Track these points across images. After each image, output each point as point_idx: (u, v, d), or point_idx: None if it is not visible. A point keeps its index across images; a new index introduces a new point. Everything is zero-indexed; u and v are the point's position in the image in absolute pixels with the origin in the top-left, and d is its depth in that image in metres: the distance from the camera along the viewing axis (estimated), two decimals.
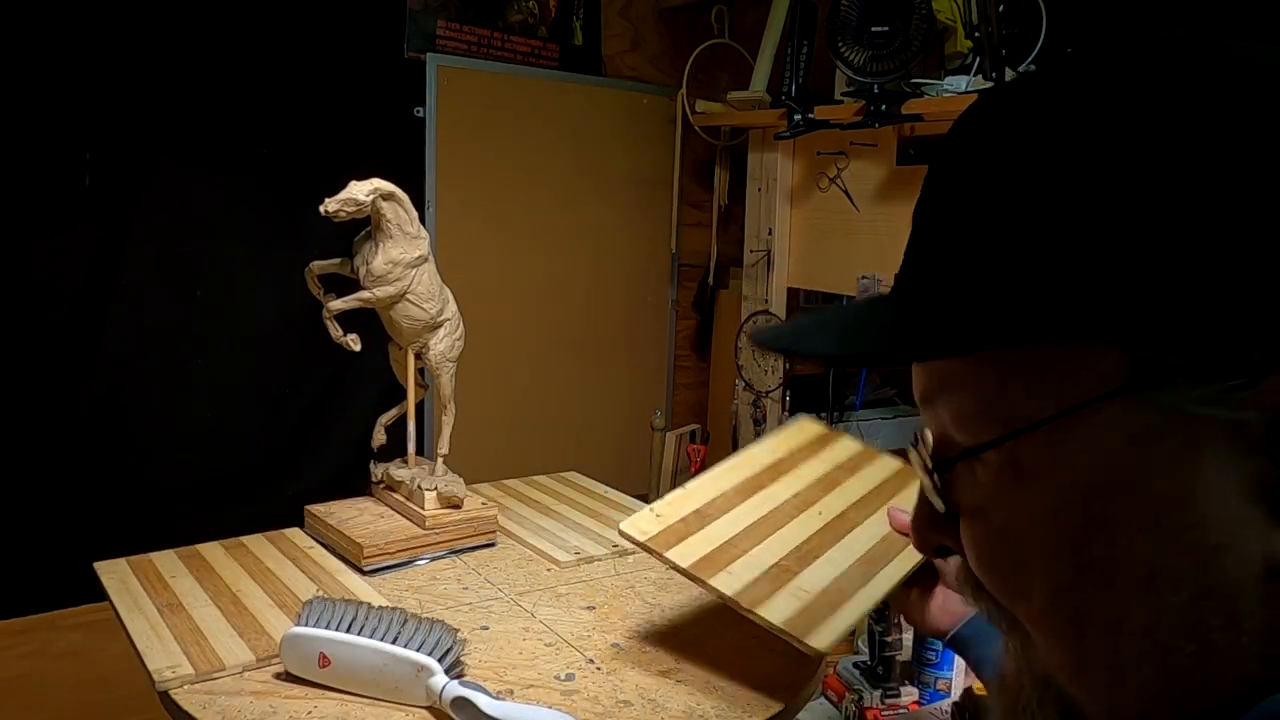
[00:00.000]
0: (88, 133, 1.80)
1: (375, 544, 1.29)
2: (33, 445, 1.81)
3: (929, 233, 0.42)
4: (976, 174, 0.39)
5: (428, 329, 1.37)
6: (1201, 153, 0.33)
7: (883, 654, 1.44)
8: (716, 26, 2.55)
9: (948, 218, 0.41)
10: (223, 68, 1.93)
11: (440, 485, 1.37)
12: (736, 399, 2.39)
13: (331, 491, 1.52)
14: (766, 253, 2.27)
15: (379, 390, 1.97)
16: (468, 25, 2.24)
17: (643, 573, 1.33)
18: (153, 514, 1.92)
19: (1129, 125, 0.35)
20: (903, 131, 1.98)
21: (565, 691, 1.00)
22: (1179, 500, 0.35)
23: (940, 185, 0.42)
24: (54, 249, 1.80)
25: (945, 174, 0.42)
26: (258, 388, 2.05)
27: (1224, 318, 0.32)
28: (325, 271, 1.35)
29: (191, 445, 1.98)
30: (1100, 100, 0.36)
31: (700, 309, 2.71)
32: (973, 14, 1.65)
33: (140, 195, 1.87)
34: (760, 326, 0.56)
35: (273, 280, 2.00)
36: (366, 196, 1.24)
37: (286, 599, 1.18)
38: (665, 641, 1.13)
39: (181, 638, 1.07)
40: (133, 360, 1.89)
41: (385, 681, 0.97)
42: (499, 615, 1.18)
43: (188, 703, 0.96)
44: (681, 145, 2.58)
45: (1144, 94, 0.35)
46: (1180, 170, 0.33)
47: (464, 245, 2.28)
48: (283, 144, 2.01)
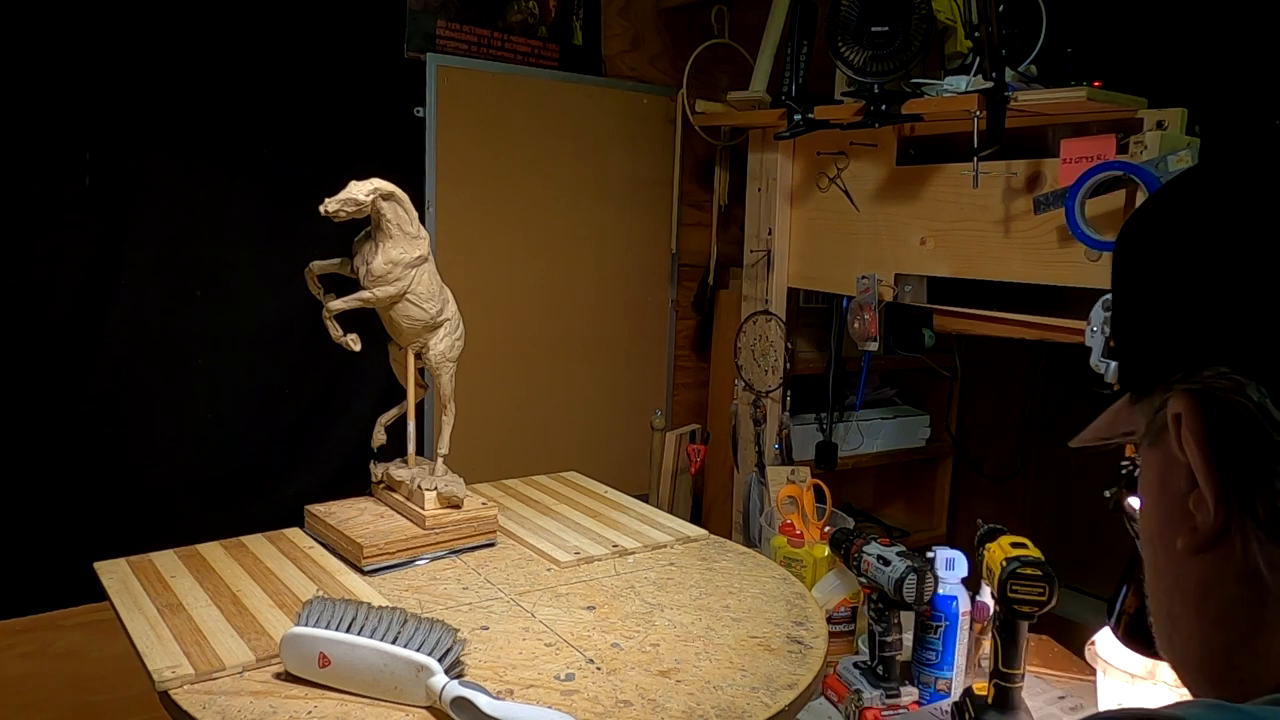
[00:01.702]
0: (88, 133, 1.80)
1: (375, 544, 1.29)
2: (32, 445, 1.81)
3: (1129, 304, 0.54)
4: (1119, 281, 0.53)
5: (428, 329, 1.37)
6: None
7: (883, 654, 1.44)
8: (716, 26, 2.55)
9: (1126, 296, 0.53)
10: (223, 68, 1.93)
11: (440, 485, 1.37)
12: (736, 399, 2.39)
13: (331, 491, 1.52)
14: (766, 253, 2.27)
15: (379, 390, 1.97)
16: (468, 25, 2.24)
17: (643, 573, 1.34)
18: (153, 514, 1.92)
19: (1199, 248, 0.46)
20: (903, 131, 1.98)
21: (565, 691, 1.00)
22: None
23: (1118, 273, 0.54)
24: (54, 249, 1.79)
25: (1120, 266, 0.54)
26: (258, 388, 2.05)
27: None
28: (325, 271, 1.35)
29: (191, 445, 1.98)
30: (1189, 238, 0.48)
31: (700, 309, 2.71)
32: (973, 14, 1.65)
33: (140, 195, 1.87)
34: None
35: (273, 280, 2.00)
36: (366, 196, 1.24)
37: (286, 599, 1.18)
38: (665, 641, 1.13)
39: (181, 638, 1.07)
40: (132, 360, 1.89)
41: (385, 681, 0.97)
42: (499, 615, 1.18)
43: (188, 703, 0.96)
44: (681, 145, 2.58)
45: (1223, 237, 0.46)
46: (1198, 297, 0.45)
47: (464, 245, 2.28)
48: (283, 144, 2.01)
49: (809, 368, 2.41)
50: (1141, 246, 0.50)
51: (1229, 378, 0.43)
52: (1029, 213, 1.70)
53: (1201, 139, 1.53)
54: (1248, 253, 0.43)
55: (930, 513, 2.74)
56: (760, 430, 2.30)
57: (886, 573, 1.40)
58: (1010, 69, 1.71)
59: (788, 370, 2.28)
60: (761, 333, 2.30)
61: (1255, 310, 0.42)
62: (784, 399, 2.29)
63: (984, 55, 1.65)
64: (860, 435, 2.49)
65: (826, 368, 2.38)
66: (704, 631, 1.16)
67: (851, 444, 2.47)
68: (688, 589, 1.29)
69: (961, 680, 1.48)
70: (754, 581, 1.32)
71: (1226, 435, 0.43)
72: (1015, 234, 1.76)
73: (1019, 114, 1.69)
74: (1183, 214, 0.48)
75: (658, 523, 1.52)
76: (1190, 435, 0.45)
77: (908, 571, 1.38)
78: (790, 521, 1.83)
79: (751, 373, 2.33)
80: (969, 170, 1.75)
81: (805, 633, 1.17)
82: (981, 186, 1.76)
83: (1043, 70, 1.80)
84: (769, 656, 1.10)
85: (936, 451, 2.68)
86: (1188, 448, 0.45)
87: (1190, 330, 0.45)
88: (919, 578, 1.38)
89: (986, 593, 1.49)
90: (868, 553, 1.44)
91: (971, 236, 1.84)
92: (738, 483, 2.40)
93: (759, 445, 2.31)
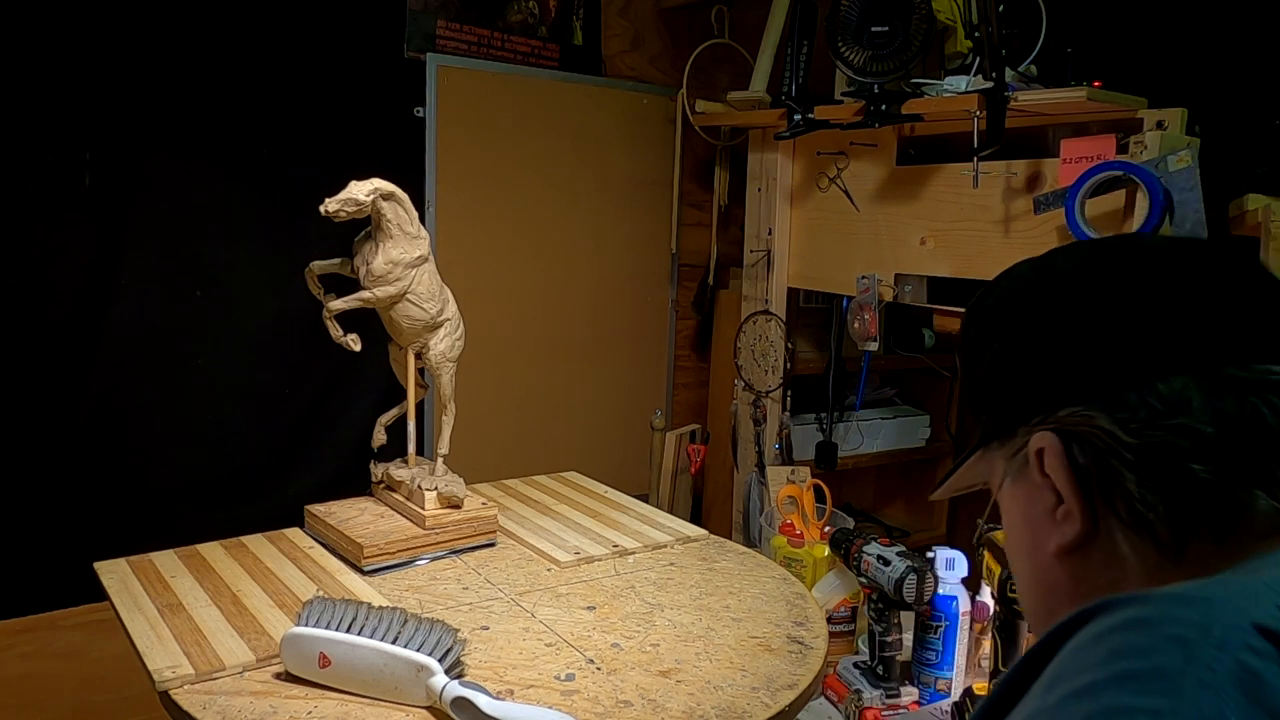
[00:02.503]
0: (88, 133, 1.80)
1: (375, 544, 1.29)
2: (33, 445, 1.81)
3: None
4: (964, 358, 0.67)
5: (428, 329, 1.37)
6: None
7: (883, 654, 1.44)
8: (716, 26, 2.55)
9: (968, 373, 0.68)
10: (223, 68, 1.93)
11: (440, 485, 1.37)
12: (736, 399, 2.39)
13: (331, 491, 1.52)
14: (766, 253, 2.27)
15: (379, 390, 1.97)
16: (468, 25, 2.24)
17: (643, 573, 1.34)
18: (153, 514, 1.92)
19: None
20: (903, 131, 1.98)
21: (565, 691, 1.00)
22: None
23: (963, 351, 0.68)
24: (54, 249, 1.79)
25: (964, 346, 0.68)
26: (258, 388, 2.05)
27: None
28: (325, 271, 1.35)
29: (191, 445, 1.98)
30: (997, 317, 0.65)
31: (700, 309, 2.71)
32: (973, 14, 1.65)
33: (140, 195, 1.87)
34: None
35: (273, 280, 2.00)
36: (366, 196, 1.24)
37: (286, 599, 1.18)
38: (665, 641, 1.13)
39: (181, 638, 1.07)
40: (133, 360, 1.89)
41: (385, 681, 0.97)
42: (499, 615, 1.18)
43: (188, 703, 0.96)
44: (681, 145, 2.58)
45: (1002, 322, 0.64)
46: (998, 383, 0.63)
47: (464, 245, 2.28)
48: (283, 144, 2.01)
49: (809, 368, 2.41)
50: (991, 329, 0.64)
51: (1080, 414, 0.55)
52: (1029, 213, 1.70)
53: (1201, 139, 1.53)
54: (1088, 319, 0.57)
55: (930, 513, 2.74)
56: (760, 430, 2.30)
57: (886, 573, 1.40)
58: (1010, 69, 1.71)
59: (788, 370, 2.28)
60: (761, 333, 2.30)
61: (1097, 364, 0.56)
62: (784, 399, 2.29)
63: (984, 55, 1.65)
64: (860, 435, 2.49)
65: (826, 368, 2.38)
66: (704, 632, 1.16)
67: (851, 444, 2.47)
68: (688, 589, 1.29)
69: (961, 680, 1.48)
70: (754, 581, 1.32)
71: (1083, 458, 0.56)
72: (1015, 234, 1.76)
73: (1019, 114, 1.69)
74: (1034, 297, 0.62)
75: (658, 523, 1.52)
76: (1056, 462, 0.57)
77: (908, 571, 1.38)
78: (790, 521, 1.83)
79: (751, 373, 2.33)
80: (969, 170, 1.75)
81: (805, 633, 1.17)
82: (981, 186, 1.76)
83: (1043, 70, 1.80)
84: (769, 656, 1.10)
85: (936, 451, 2.68)
86: (1053, 472, 0.57)
87: (1045, 383, 0.58)
88: (919, 578, 1.38)
89: (986, 593, 1.49)
90: (868, 553, 1.44)
91: (971, 236, 1.84)
92: (738, 483, 2.40)
93: (759, 445, 2.31)
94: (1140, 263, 0.59)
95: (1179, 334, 0.54)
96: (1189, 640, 0.42)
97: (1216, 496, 0.52)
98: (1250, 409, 0.52)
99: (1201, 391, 0.52)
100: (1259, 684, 0.40)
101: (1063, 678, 0.45)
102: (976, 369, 0.65)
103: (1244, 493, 0.52)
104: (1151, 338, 0.55)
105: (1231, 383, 0.53)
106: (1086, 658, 0.45)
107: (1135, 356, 0.55)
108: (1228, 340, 0.54)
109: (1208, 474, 0.52)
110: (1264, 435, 0.52)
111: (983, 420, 0.64)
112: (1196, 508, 0.53)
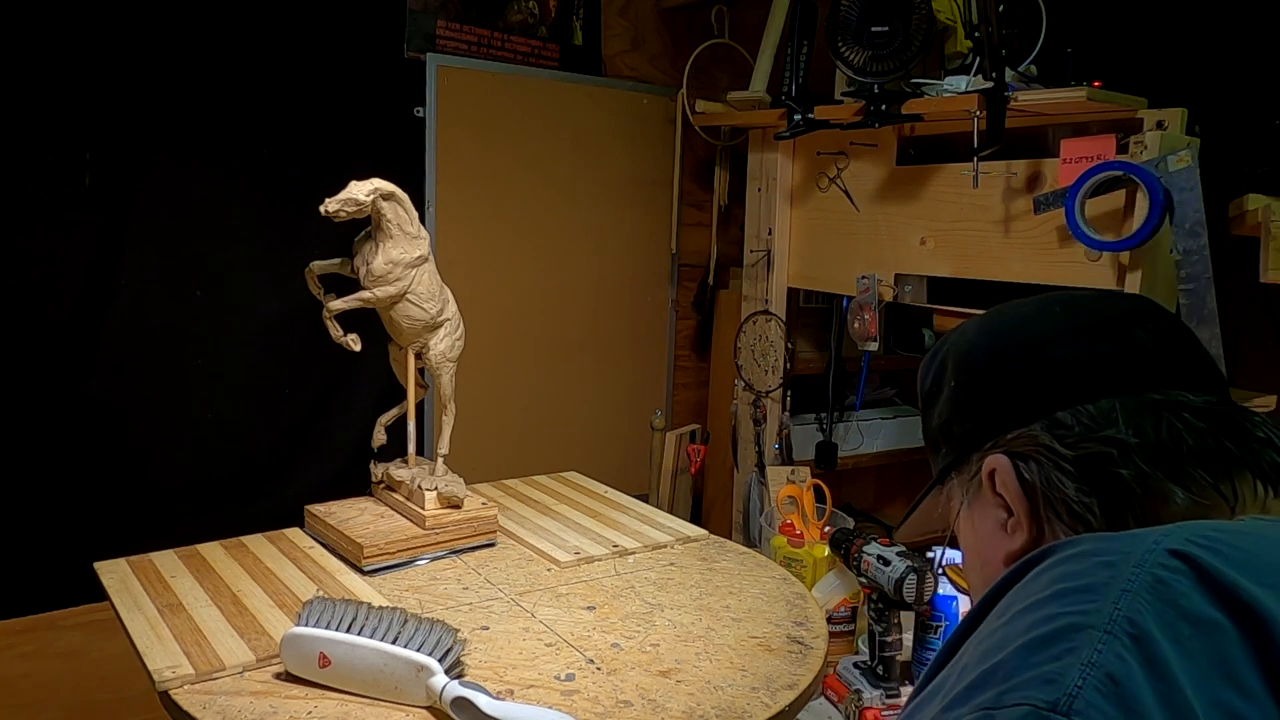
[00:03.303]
0: (88, 133, 1.80)
1: (375, 544, 1.29)
2: (33, 445, 1.81)
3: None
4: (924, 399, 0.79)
5: (428, 329, 1.37)
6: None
7: (883, 654, 1.44)
8: (716, 26, 2.55)
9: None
10: (223, 68, 1.93)
11: (440, 485, 1.37)
12: (736, 399, 2.39)
13: (331, 491, 1.52)
14: (766, 253, 2.27)
15: (379, 390, 1.97)
16: (468, 25, 2.24)
17: (643, 573, 1.34)
18: (153, 514, 1.92)
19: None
20: (903, 131, 1.98)
21: (565, 691, 1.00)
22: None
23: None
24: (54, 249, 1.79)
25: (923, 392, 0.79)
26: (258, 388, 2.05)
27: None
28: (325, 271, 1.35)
29: (191, 445, 1.98)
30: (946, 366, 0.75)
31: (700, 309, 2.71)
32: (973, 14, 1.65)
33: (140, 195, 1.87)
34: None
35: (273, 280, 2.00)
36: (366, 196, 1.24)
37: (286, 599, 1.18)
38: (665, 642, 1.13)
39: (181, 638, 1.07)
40: (133, 360, 1.89)
41: (385, 681, 0.97)
42: (499, 615, 1.18)
43: (188, 703, 0.96)
44: (681, 145, 2.58)
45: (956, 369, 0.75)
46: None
47: (464, 245, 2.28)
48: (283, 144, 2.01)
49: (809, 368, 2.41)
50: (946, 371, 0.74)
51: (1025, 435, 0.65)
52: (1029, 213, 1.70)
53: (1201, 139, 1.53)
54: (1029, 357, 0.68)
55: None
56: (760, 430, 2.30)
57: (886, 573, 1.40)
58: (1010, 69, 1.71)
59: (788, 370, 2.28)
60: (761, 333, 2.30)
61: (1038, 392, 0.66)
62: (784, 399, 2.29)
63: (984, 55, 1.65)
64: (860, 435, 2.49)
65: (826, 368, 2.38)
66: (704, 632, 1.16)
67: (851, 444, 2.47)
68: (688, 589, 1.29)
69: None
70: (754, 581, 1.32)
71: (1029, 474, 0.65)
72: (1015, 234, 1.76)
73: (1019, 114, 1.69)
74: (983, 343, 0.73)
75: (658, 523, 1.52)
76: (1007, 478, 0.66)
77: (908, 571, 1.38)
78: (790, 521, 1.83)
79: (751, 373, 2.33)
80: (969, 170, 1.75)
81: (805, 633, 1.17)
82: (981, 186, 1.76)
83: (1043, 70, 1.80)
84: (769, 657, 1.10)
85: None
86: (1004, 489, 0.66)
87: (994, 412, 0.69)
88: (919, 578, 1.38)
89: None
90: (868, 553, 1.44)
91: (971, 236, 1.84)
92: (738, 483, 2.40)
93: (759, 445, 2.31)
94: (1074, 311, 0.70)
95: (1106, 367, 0.65)
96: (1114, 563, 0.52)
97: (1140, 493, 0.61)
98: (1167, 423, 0.62)
99: (1126, 411, 0.62)
100: (1169, 590, 0.49)
101: (1012, 605, 0.53)
102: (935, 409, 0.75)
103: (1163, 489, 0.61)
104: (1083, 370, 0.65)
105: (1151, 404, 0.63)
106: (1031, 587, 0.54)
107: (1069, 385, 0.65)
108: (1147, 371, 0.64)
109: (1132, 476, 0.61)
110: (1178, 444, 0.61)
111: (942, 454, 0.74)
112: (1124, 503, 0.61)
